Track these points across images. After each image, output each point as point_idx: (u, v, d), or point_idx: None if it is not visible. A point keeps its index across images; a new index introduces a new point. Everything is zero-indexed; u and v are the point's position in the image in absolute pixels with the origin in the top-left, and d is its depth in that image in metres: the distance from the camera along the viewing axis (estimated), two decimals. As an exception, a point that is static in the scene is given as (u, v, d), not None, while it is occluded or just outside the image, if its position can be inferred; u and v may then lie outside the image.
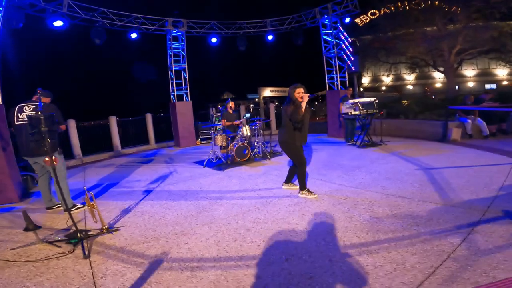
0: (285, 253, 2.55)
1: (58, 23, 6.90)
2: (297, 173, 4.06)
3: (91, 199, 3.22)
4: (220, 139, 6.68)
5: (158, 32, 9.40)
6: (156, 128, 10.90)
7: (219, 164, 6.51)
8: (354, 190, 4.13)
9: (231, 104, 7.38)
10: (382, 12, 16.24)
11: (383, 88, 21.59)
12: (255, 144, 7.26)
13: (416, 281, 2.00)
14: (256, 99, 21.67)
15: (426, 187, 4.02)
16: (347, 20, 8.96)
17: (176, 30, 9.49)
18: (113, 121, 9.53)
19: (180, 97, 10.24)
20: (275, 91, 21.55)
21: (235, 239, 2.91)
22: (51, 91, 3.97)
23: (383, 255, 2.35)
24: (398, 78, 21.01)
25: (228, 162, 6.48)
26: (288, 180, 4.45)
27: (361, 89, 21.73)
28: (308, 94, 3.70)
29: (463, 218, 2.92)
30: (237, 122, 7.30)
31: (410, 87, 20.96)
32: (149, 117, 10.49)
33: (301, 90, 3.79)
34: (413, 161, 5.63)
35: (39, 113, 2.84)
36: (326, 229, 2.95)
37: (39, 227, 3.10)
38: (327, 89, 10.00)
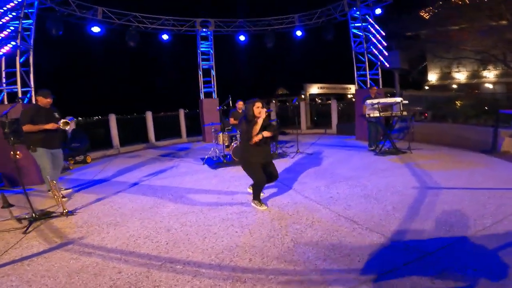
0: (167, 259, 2.55)
1: (95, 29, 7.94)
2: (253, 185, 3.84)
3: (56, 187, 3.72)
4: (221, 138, 6.80)
5: (188, 32, 9.97)
6: (191, 123, 11.63)
7: (218, 162, 6.64)
8: (312, 206, 3.74)
9: (240, 104, 7.43)
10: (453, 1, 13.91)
11: (454, 86, 18.44)
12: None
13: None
14: (302, 96, 21.03)
15: (397, 213, 3.36)
16: (378, 11, 7.98)
17: (205, 30, 9.89)
18: (149, 116, 10.54)
19: (208, 95, 10.69)
20: (323, 87, 20.51)
21: (146, 237, 3.01)
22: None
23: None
24: (474, 75, 17.65)
25: (225, 161, 6.55)
26: None
27: (427, 87, 19.02)
28: (265, 110, 3.48)
29: (382, 262, 2.34)
30: (244, 121, 7.28)
31: (489, 85, 17.42)
32: (181, 113, 11.25)
33: (260, 104, 3.54)
34: (422, 177, 4.78)
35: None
36: (232, 244, 2.78)
37: (12, 205, 3.71)
38: (356, 87, 9.15)
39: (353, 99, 19.03)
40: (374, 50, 8.34)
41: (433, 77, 19.95)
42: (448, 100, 10.28)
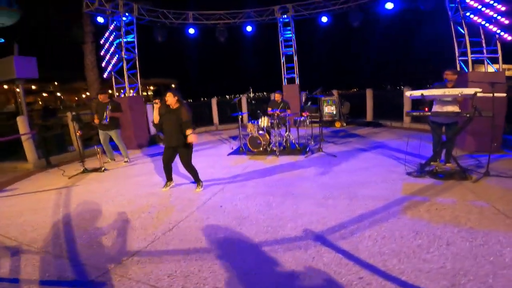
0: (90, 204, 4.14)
1: (191, 31, 10.13)
2: None
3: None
4: (250, 127, 7.28)
5: (270, 21, 10.37)
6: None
7: (238, 150, 7.35)
8: (190, 206, 4.04)
9: (277, 95, 7.58)
10: None
11: None
12: (284, 137, 7.18)
13: None
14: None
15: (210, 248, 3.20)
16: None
17: (285, 16, 9.96)
18: (243, 99, 12.24)
19: (291, 80, 10.88)
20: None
21: (102, 192, 4.75)
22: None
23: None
24: None
25: (241, 149, 7.17)
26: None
27: None
28: (157, 101, 4.33)
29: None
30: (276, 112, 7.24)
31: None
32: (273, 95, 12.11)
33: (169, 94, 4.24)
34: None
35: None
36: (108, 209, 3.94)
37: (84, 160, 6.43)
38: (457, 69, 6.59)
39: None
40: (474, 18, 5.68)
41: None
42: None
